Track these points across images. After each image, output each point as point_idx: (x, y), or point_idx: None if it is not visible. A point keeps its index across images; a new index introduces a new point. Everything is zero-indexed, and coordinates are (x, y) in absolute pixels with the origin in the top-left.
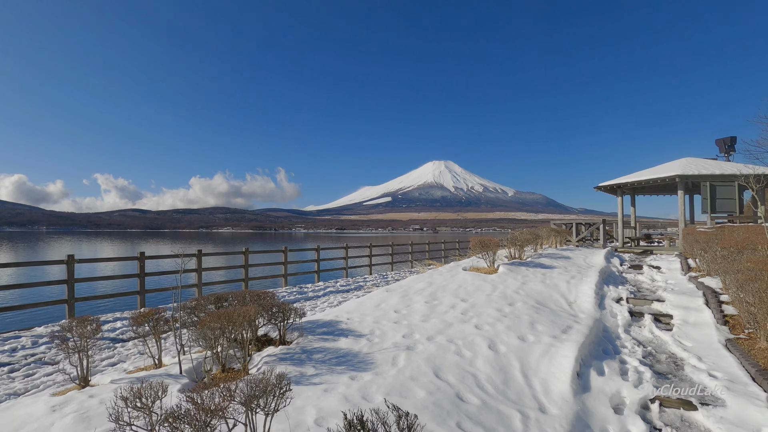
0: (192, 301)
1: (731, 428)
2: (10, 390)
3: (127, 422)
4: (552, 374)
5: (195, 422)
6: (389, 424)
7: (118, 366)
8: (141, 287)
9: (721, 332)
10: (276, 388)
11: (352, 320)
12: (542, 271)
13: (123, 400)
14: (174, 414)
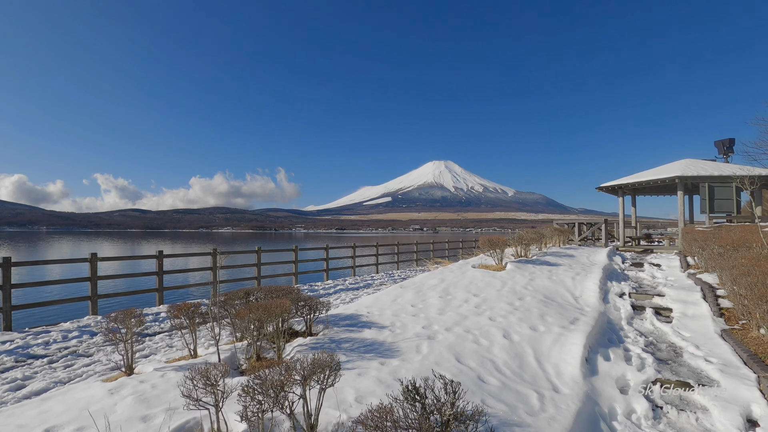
0: (222, 296)
1: (724, 404)
2: (55, 378)
3: (197, 398)
4: (563, 359)
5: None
6: (438, 389)
7: (151, 357)
8: (159, 285)
9: (717, 324)
10: (330, 366)
11: (372, 314)
12: (548, 269)
13: (190, 380)
14: (246, 387)
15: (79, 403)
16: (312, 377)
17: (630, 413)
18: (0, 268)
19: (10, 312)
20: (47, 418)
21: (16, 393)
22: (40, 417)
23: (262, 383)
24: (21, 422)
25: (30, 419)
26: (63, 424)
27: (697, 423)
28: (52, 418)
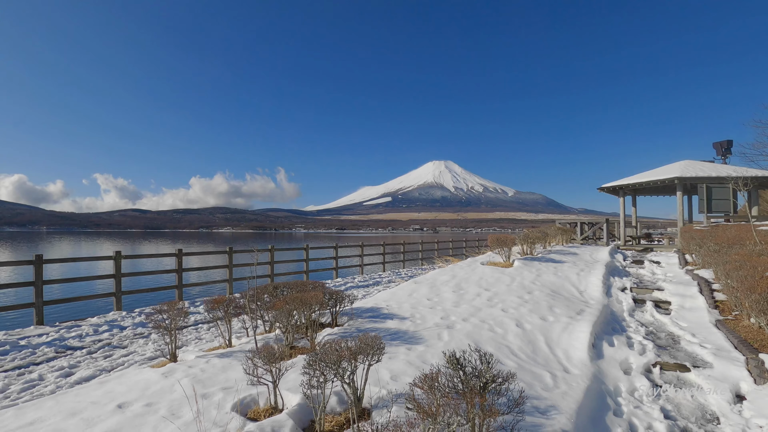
0: (251, 290)
1: (716, 383)
2: (99, 367)
3: (258, 376)
4: (571, 345)
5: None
6: (474, 360)
7: (183, 349)
8: (179, 282)
9: (712, 315)
10: (375, 345)
11: (391, 307)
12: (554, 265)
13: (250, 360)
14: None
15: (138, 384)
16: (359, 355)
17: (633, 391)
18: (33, 265)
19: (42, 307)
20: (114, 396)
21: (67, 379)
22: (108, 396)
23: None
24: (92, 400)
25: (99, 397)
26: (131, 401)
27: (692, 399)
28: (119, 397)
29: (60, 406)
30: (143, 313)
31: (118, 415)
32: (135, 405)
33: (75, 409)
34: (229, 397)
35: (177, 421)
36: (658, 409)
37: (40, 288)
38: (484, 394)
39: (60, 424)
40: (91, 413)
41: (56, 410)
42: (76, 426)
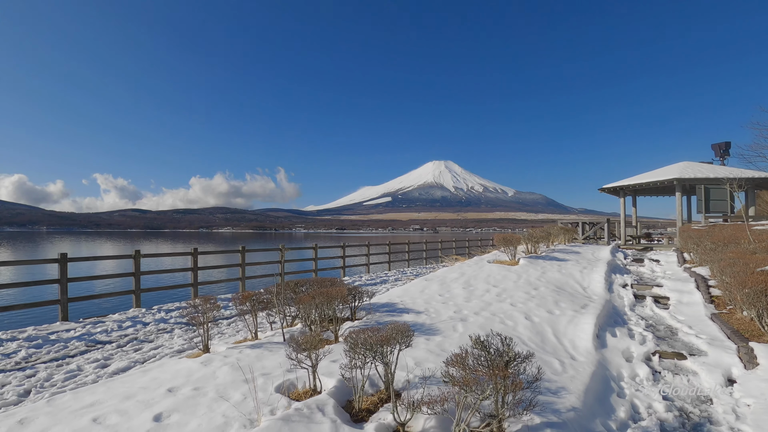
0: (274, 287)
1: (710, 368)
2: (132, 359)
3: (300, 361)
4: (577, 336)
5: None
6: (496, 343)
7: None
8: (194, 280)
9: (708, 309)
10: (406, 331)
11: (405, 302)
12: (557, 263)
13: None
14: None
15: (181, 372)
16: (392, 341)
17: (634, 376)
18: (58, 263)
19: (66, 304)
20: (161, 382)
21: (104, 370)
22: (155, 382)
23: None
24: (141, 385)
25: (147, 383)
26: (179, 386)
27: (688, 383)
28: (166, 383)
29: (112, 391)
30: (180, 307)
31: (171, 398)
32: (184, 389)
33: (128, 393)
34: (269, 382)
35: (228, 401)
36: (657, 392)
37: (65, 285)
38: (506, 370)
39: (119, 406)
40: (145, 396)
41: (110, 394)
42: (135, 406)
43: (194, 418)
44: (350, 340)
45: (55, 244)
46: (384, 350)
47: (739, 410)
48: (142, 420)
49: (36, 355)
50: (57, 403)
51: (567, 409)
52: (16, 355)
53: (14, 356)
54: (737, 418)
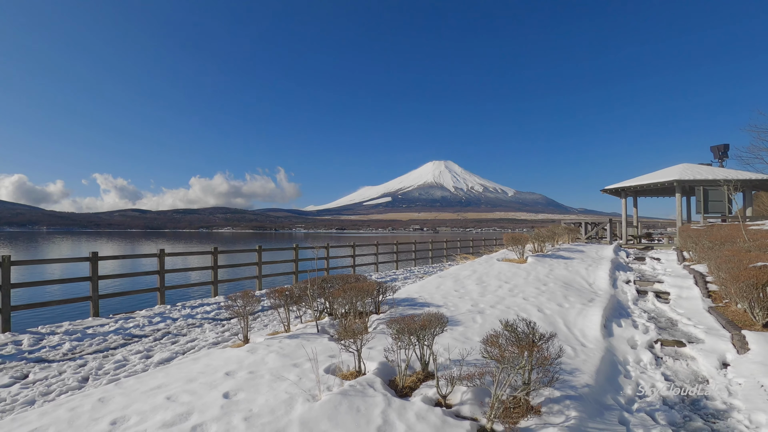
0: (302, 282)
1: (706, 354)
2: (172, 350)
3: (345, 344)
4: (586, 326)
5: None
6: (522, 326)
7: (240, 336)
8: (214, 278)
9: (705, 302)
10: (440, 319)
11: (423, 297)
12: (564, 261)
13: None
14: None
15: (231, 359)
16: (427, 327)
17: (639, 361)
18: (89, 261)
19: (97, 300)
20: (216, 368)
21: (149, 360)
22: (209, 367)
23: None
24: (198, 370)
25: (203, 369)
26: (234, 370)
27: (687, 367)
28: (220, 368)
29: (171, 376)
30: (222, 302)
31: (231, 380)
32: (240, 373)
33: (188, 377)
34: (317, 366)
35: (285, 381)
36: (659, 374)
37: (96, 283)
38: (533, 348)
39: (185, 387)
40: (207, 379)
41: (172, 378)
42: (200, 387)
43: (259, 395)
44: (394, 326)
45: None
46: (425, 334)
47: (731, 388)
48: (212, 398)
49: (80, 347)
50: (125, 386)
51: (582, 386)
52: (61, 347)
53: (60, 348)
54: (730, 394)
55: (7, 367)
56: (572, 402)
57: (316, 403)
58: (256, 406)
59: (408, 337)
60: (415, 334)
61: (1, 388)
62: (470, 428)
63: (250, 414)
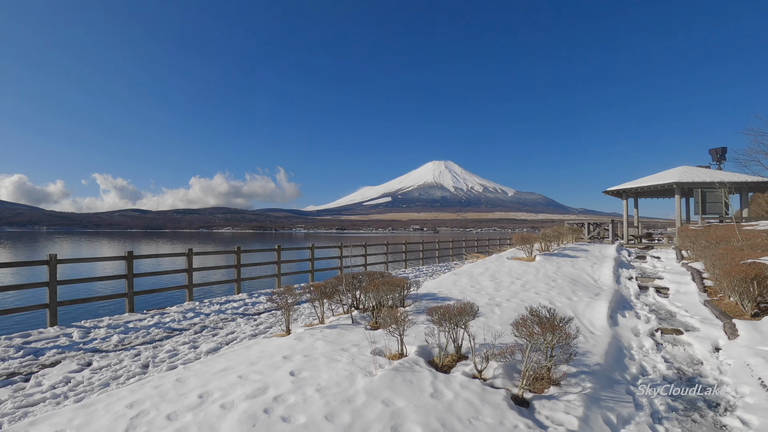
0: (334, 279)
1: (701, 340)
2: (216, 342)
3: (390, 330)
4: (594, 316)
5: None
6: (543, 312)
7: (274, 329)
8: (237, 276)
9: (701, 296)
10: (472, 308)
11: (442, 292)
12: (570, 260)
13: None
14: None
15: (282, 346)
16: (463, 314)
17: (641, 346)
18: (125, 260)
19: (133, 297)
20: (271, 353)
21: (197, 350)
22: (264, 353)
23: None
24: (256, 355)
25: (259, 354)
26: (290, 355)
27: (684, 351)
28: (275, 354)
29: (232, 360)
30: (264, 294)
31: (290, 362)
32: (296, 356)
33: (249, 360)
34: (363, 350)
35: (339, 362)
36: (659, 357)
37: (131, 280)
38: (555, 328)
39: (250, 369)
40: (267, 362)
41: (234, 362)
42: (264, 369)
43: (322, 372)
44: (435, 314)
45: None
46: (463, 319)
47: (722, 368)
48: (280, 375)
49: (127, 339)
50: (193, 369)
51: (593, 364)
52: (110, 339)
53: (109, 340)
54: (720, 372)
55: (69, 356)
56: (586, 376)
57: (374, 377)
58: (322, 381)
59: (448, 322)
60: (454, 319)
61: (74, 373)
62: (505, 395)
63: (319, 387)
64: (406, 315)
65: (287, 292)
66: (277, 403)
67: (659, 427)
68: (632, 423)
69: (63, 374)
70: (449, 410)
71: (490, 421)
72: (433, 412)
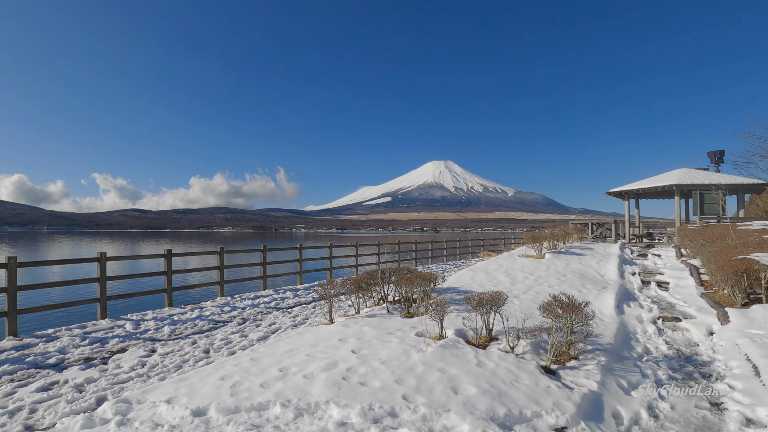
0: (365, 274)
1: (698, 326)
2: (263, 331)
3: (432, 315)
4: (602, 306)
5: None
6: (563, 298)
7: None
8: (263, 273)
9: (698, 289)
10: (502, 296)
11: (462, 286)
12: (577, 257)
13: (427, 306)
14: (479, 301)
15: (332, 332)
16: (496, 300)
17: (645, 331)
18: (164, 258)
19: (171, 292)
20: (325, 337)
21: (248, 338)
22: (318, 337)
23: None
24: (311, 339)
25: (312, 338)
26: (343, 338)
27: (682, 335)
28: (329, 337)
29: (292, 344)
30: (289, 290)
31: (346, 344)
32: (349, 339)
33: (308, 343)
34: (407, 333)
35: (390, 343)
36: (661, 340)
37: (170, 277)
38: (575, 310)
39: (312, 349)
40: (325, 344)
41: (295, 345)
42: (326, 349)
43: (379, 351)
44: (473, 301)
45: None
46: (496, 304)
47: (715, 348)
48: (344, 353)
49: (178, 330)
50: (260, 351)
51: (605, 344)
52: (162, 330)
53: (161, 331)
54: (713, 351)
55: (132, 344)
56: (600, 353)
57: (426, 352)
58: (382, 356)
59: (484, 307)
60: (489, 304)
61: (146, 357)
62: (536, 365)
63: (382, 360)
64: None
65: (330, 285)
66: (351, 373)
67: (662, 390)
68: (640, 387)
69: (136, 358)
70: (494, 375)
71: (528, 383)
72: (481, 377)
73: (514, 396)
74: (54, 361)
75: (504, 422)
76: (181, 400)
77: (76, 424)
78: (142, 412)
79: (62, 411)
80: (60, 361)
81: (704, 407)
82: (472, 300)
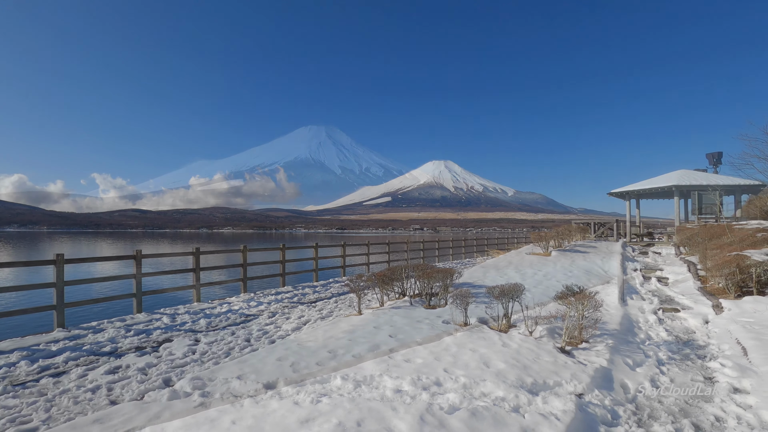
0: (386, 270)
1: (694, 315)
2: (294, 323)
3: (456, 303)
4: (608, 299)
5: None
6: (575, 287)
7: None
8: (282, 270)
9: (696, 284)
10: (519, 287)
11: (477, 281)
12: (581, 255)
13: (456, 297)
14: (498, 294)
15: (365, 320)
16: (516, 290)
17: (647, 321)
18: (193, 256)
19: (200, 289)
20: (360, 325)
21: (281, 329)
22: (353, 325)
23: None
24: (347, 327)
25: (348, 327)
26: (378, 325)
27: (681, 324)
28: (364, 325)
29: (330, 331)
30: (308, 287)
31: (381, 330)
32: (384, 327)
33: (345, 330)
34: (435, 321)
35: (422, 329)
36: (662, 328)
37: (198, 274)
38: (586, 297)
39: (352, 335)
40: (361, 331)
41: (336, 331)
42: (364, 334)
43: (413, 335)
44: (495, 290)
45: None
46: (516, 293)
47: (709, 334)
48: (382, 337)
49: (213, 323)
50: (303, 337)
51: (611, 330)
52: (199, 323)
53: (198, 323)
54: (708, 337)
55: (176, 335)
56: (607, 337)
57: (456, 335)
58: (418, 339)
59: (505, 296)
60: (510, 293)
61: (193, 346)
62: (552, 346)
63: (417, 343)
64: (468, 293)
65: (359, 280)
66: (393, 353)
67: (663, 367)
68: (644, 365)
69: (185, 346)
70: (518, 353)
71: (548, 359)
72: (507, 354)
73: (537, 369)
74: (108, 349)
75: (531, 389)
76: (250, 377)
77: (163, 396)
78: (217, 387)
79: (137, 389)
80: (114, 349)
81: (699, 380)
82: (495, 290)
